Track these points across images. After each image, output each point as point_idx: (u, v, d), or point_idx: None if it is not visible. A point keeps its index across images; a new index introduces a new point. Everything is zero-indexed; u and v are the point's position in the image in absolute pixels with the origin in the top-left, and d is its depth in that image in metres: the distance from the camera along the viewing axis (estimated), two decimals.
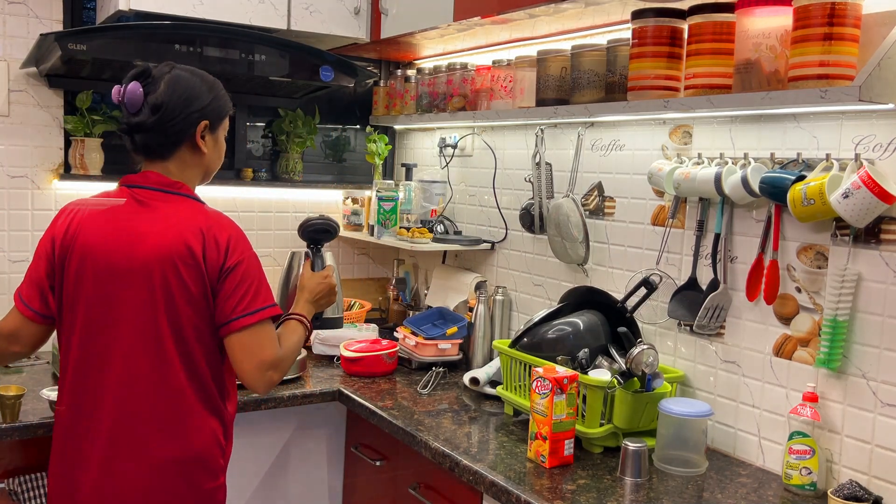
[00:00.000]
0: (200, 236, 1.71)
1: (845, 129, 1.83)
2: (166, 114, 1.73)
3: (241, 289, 1.73)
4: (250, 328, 1.73)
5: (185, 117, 1.75)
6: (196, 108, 1.77)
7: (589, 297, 2.34)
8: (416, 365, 2.77)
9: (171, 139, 1.76)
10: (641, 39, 2.04)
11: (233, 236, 1.75)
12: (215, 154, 1.87)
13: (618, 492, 1.81)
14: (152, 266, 1.69)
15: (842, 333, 1.81)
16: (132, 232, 1.71)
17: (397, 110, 3.22)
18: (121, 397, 1.71)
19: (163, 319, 1.70)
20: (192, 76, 1.80)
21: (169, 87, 1.74)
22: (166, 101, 1.73)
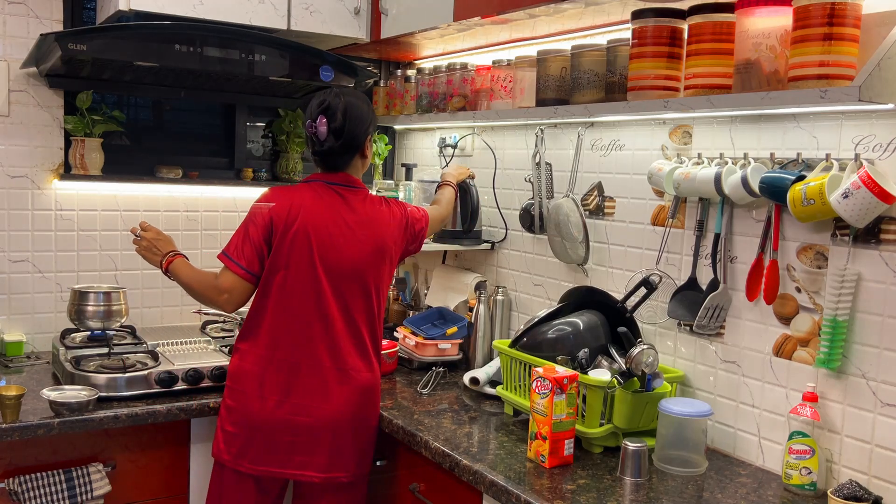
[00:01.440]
0: (401, 216, 2.34)
1: (845, 129, 1.83)
2: (347, 137, 2.17)
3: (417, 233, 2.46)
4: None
5: (360, 135, 2.21)
6: (365, 128, 2.22)
7: (589, 297, 2.34)
8: (416, 365, 2.77)
9: (350, 155, 2.22)
10: (641, 39, 2.04)
11: (411, 213, 2.42)
12: (368, 159, 2.30)
13: (618, 492, 1.81)
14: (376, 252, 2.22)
15: (842, 333, 1.82)
16: (353, 223, 2.20)
17: (397, 110, 3.22)
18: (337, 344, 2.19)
19: (373, 292, 2.24)
20: (358, 100, 2.21)
21: (346, 116, 2.16)
22: (345, 128, 2.16)
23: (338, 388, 2.17)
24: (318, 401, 2.16)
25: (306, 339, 2.16)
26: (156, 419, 2.24)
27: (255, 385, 2.16)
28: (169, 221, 2.99)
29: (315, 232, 2.15)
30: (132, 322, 2.83)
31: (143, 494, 2.29)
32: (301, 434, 2.15)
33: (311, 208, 2.17)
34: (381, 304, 2.27)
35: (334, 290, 2.17)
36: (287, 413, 2.15)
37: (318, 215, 2.17)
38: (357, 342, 2.20)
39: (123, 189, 2.89)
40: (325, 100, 2.17)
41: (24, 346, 2.70)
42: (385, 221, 2.27)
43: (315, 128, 2.17)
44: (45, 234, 2.79)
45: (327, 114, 2.16)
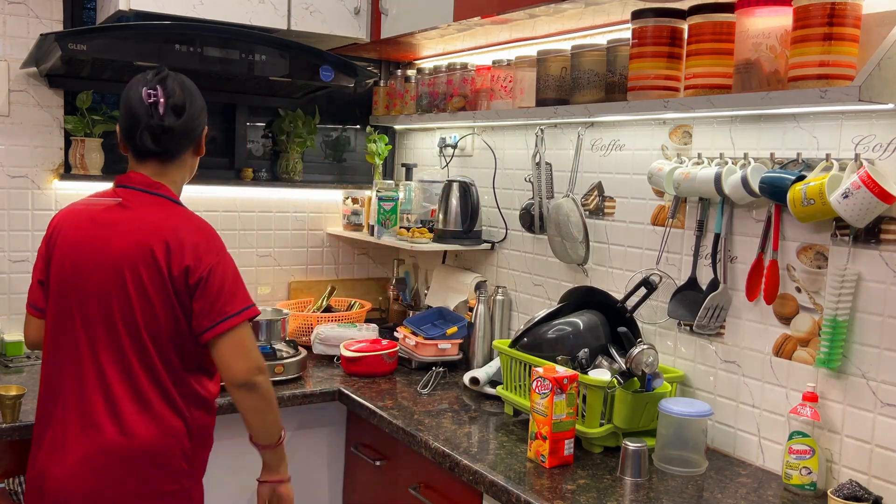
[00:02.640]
0: (165, 243, 1.73)
1: (845, 129, 1.83)
2: (188, 116, 1.80)
3: (215, 293, 1.74)
4: (232, 331, 1.76)
5: (200, 122, 1.86)
6: (204, 114, 1.87)
7: (589, 297, 2.34)
8: (416, 365, 2.77)
9: (186, 141, 1.84)
10: (641, 39, 2.04)
11: (201, 243, 1.76)
12: (199, 155, 1.94)
13: (618, 492, 1.81)
14: (117, 265, 1.74)
15: (842, 333, 1.81)
16: (105, 232, 1.77)
17: (397, 110, 3.22)
18: (75, 390, 1.76)
19: (117, 317, 1.74)
20: (192, 84, 1.85)
21: (184, 91, 1.80)
22: (185, 104, 1.79)
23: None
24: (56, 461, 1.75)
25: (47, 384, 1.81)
26: None
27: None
28: None
29: (63, 254, 1.79)
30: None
31: None
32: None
33: (68, 221, 1.82)
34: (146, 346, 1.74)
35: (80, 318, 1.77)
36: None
37: (72, 228, 1.80)
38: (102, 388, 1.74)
39: None
40: (160, 71, 1.79)
41: (23, 346, 2.70)
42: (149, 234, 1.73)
43: (155, 97, 1.74)
44: None
45: (164, 85, 1.77)
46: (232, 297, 1.76)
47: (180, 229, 1.75)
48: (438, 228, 2.94)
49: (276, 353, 2.59)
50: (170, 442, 1.77)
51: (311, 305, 3.16)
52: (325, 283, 3.26)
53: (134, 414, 1.74)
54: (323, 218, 3.31)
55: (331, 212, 3.32)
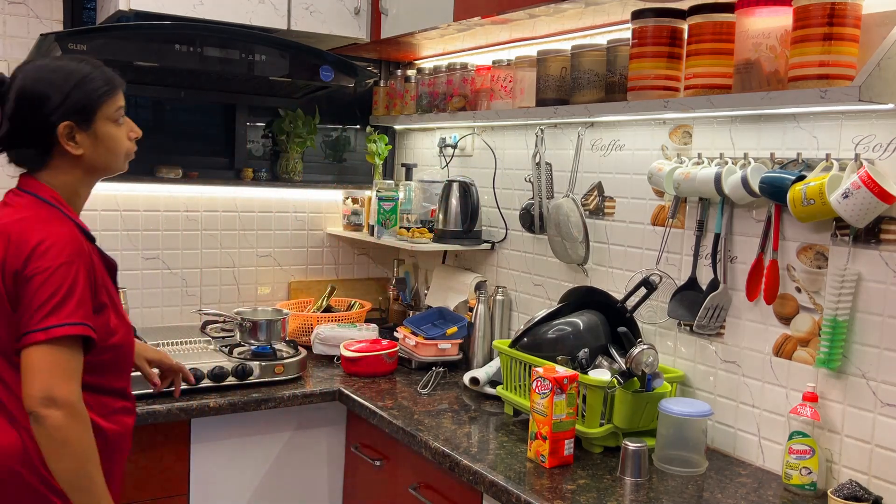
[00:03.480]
0: (6, 237, 1.56)
1: (845, 129, 1.83)
2: (17, 125, 1.61)
3: (38, 301, 1.51)
4: (33, 348, 1.50)
5: (39, 126, 1.61)
6: (47, 113, 1.60)
7: (589, 297, 2.34)
8: (416, 365, 2.77)
9: (35, 150, 1.64)
10: (641, 39, 2.04)
11: (44, 242, 1.54)
12: (100, 149, 1.67)
13: (618, 492, 1.81)
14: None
15: (842, 333, 1.81)
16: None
17: (397, 110, 3.22)
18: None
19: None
20: (42, 74, 1.62)
21: (17, 98, 1.61)
22: (15, 113, 1.61)
23: None
24: None
25: None
26: (156, 419, 2.23)
27: None
28: (169, 221, 2.99)
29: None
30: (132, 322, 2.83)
31: (143, 494, 2.29)
32: None
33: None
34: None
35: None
36: None
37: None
38: None
39: (123, 189, 2.89)
40: (4, 77, 1.65)
41: None
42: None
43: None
44: None
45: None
46: (51, 310, 1.51)
47: (29, 229, 1.56)
48: (438, 228, 2.94)
49: (276, 353, 2.60)
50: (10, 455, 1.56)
51: (311, 305, 3.16)
52: (325, 283, 3.26)
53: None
54: (323, 218, 3.31)
55: (331, 212, 3.32)
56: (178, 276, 3.01)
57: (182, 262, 3.01)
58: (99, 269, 1.65)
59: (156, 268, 2.98)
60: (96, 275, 1.63)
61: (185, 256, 3.02)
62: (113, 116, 1.69)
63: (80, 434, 1.51)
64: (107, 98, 1.68)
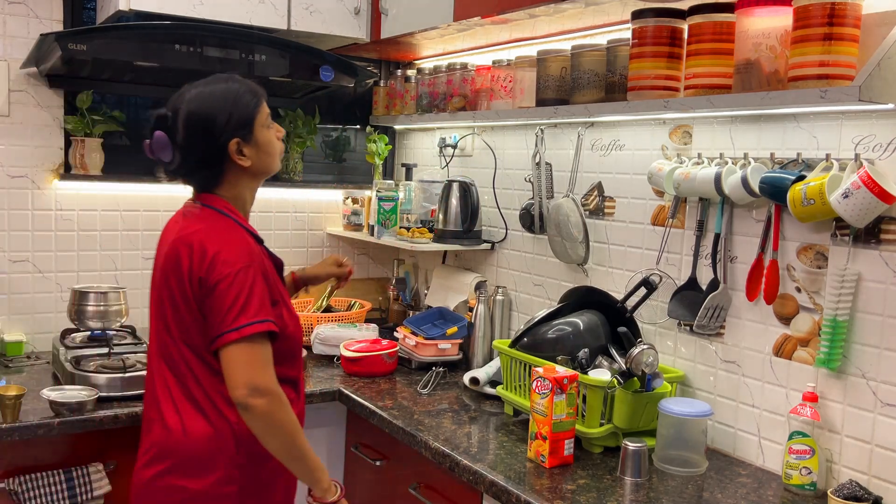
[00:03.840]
0: (189, 250, 1.73)
1: (845, 129, 1.83)
2: (192, 154, 1.77)
3: (219, 305, 1.68)
4: (231, 346, 1.67)
5: (211, 147, 1.77)
6: (216, 136, 1.75)
7: (589, 297, 2.34)
8: (416, 365, 2.77)
9: (211, 173, 1.81)
10: (641, 39, 2.04)
11: (222, 251, 1.71)
12: (263, 156, 1.83)
13: (618, 492, 1.81)
14: (162, 271, 1.80)
15: (842, 333, 1.81)
16: (163, 241, 1.86)
17: (397, 110, 3.22)
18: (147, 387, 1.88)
19: (162, 320, 1.81)
20: (204, 99, 1.77)
21: (185, 126, 1.75)
22: (187, 143, 1.76)
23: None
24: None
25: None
26: None
27: None
28: None
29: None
30: (132, 322, 2.83)
31: None
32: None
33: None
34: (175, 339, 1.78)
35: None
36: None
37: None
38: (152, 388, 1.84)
39: (123, 189, 2.89)
40: (165, 112, 1.79)
41: (24, 346, 2.70)
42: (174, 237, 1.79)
43: (152, 149, 1.80)
44: (45, 234, 2.79)
45: (165, 125, 1.78)
46: (239, 311, 1.67)
47: (208, 239, 1.72)
48: (438, 228, 2.94)
49: None
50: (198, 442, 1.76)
51: (311, 305, 3.16)
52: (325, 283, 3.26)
53: (167, 414, 1.78)
54: (323, 218, 3.31)
55: (331, 212, 3.32)
56: None
57: None
58: (269, 269, 1.81)
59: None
60: (268, 274, 1.78)
61: None
62: (265, 123, 1.83)
63: (284, 414, 1.70)
64: (258, 108, 1.81)
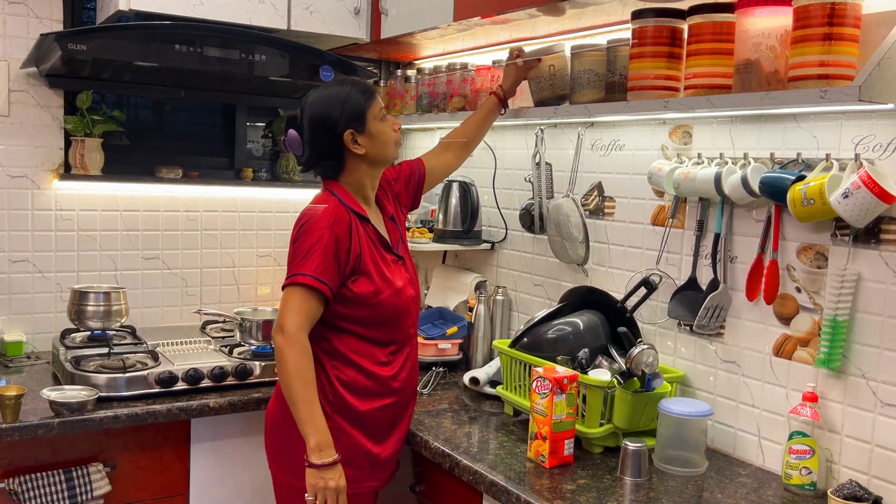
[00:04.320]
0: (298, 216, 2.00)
1: (845, 129, 1.83)
2: (316, 147, 2.01)
3: (292, 256, 1.95)
4: (286, 289, 1.92)
5: (330, 139, 1.98)
6: (333, 129, 1.97)
7: (589, 297, 2.34)
8: None
9: (334, 162, 2.02)
10: (641, 39, 2.04)
11: (306, 217, 1.96)
12: (377, 145, 2.03)
13: (618, 492, 1.81)
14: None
15: (842, 333, 1.81)
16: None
17: (397, 110, 3.21)
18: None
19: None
20: (321, 100, 1.99)
21: (310, 124, 2.00)
22: (312, 138, 2.00)
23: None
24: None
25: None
26: (156, 419, 2.23)
27: None
28: (169, 221, 2.99)
29: None
30: (132, 322, 2.83)
31: (143, 494, 2.29)
32: None
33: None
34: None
35: None
36: None
37: None
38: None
39: (123, 189, 2.89)
40: (296, 113, 2.07)
41: (24, 346, 2.70)
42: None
43: (287, 143, 2.08)
44: (45, 234, 2.79)
45: (297, 124, 2.06)
46: (292, 265, 1.93)
47: (304, 212, 1.99)
48: (438, 228, 2.94)
49: None
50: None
51: None
52: None
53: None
54: None
55: None
56: (178, 276, 3.02)
57: (182, 262, 3.01)
58: (364, 241, 1.99)
59: (156, 268, 2.98)
60: (361, 245, 1.97)
61: (185, 256, 3.02)
62: (378, 115, 2.02)
63: (294, 357, 1.85)
64: (370, 103, 2.01)
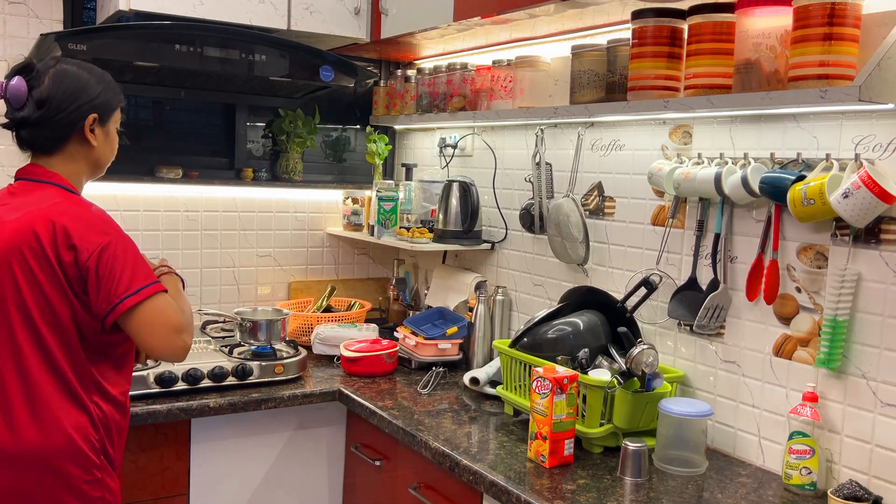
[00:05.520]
0: (50, 225, 1.67)
1: (845, 129, 1.83)
2: (52, 108, 1.73)
3: (115, 274, 1.67)
4: (140, 305, 1.68)
5: (73, 111, 1.75)
6: (84, 101, 1.76)
7: (589, 297, 2.34)
8: (416, 365, 2.77)
9: (58, 133, 1.76)
10: (641, 39, 2.04)
11: (87, 225, 1.69)
12: (106, 147, 1.85)
13: (618, 492, 1.81)
14: (4, 256, 1.67)
15: (842, 333, 1.82)
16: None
17: (397, 110, 3.22)
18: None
19: (12, 308, 1.68)
20: (79, 69, 1.79)
21: (54, 82, 1.74)
22: (52, 96, 1.73)
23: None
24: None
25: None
26: (156, 419, 2.23)
27: None
28: (169, 221, 2.99)
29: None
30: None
31: (143, 494, 2.29)
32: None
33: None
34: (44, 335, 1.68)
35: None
36: None
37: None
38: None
39: (123, 189, 2.89)
40: (33, 62, 1.77)
41: None
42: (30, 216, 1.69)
43: (6, 89, 1.73)
44: None
45: (29, 74, 1.74)
46: (130, 275, 1.69)
47: (66, 214, 1.69)
48: (438, 228, 2.94)
49: (276, 353, 2.60)
50: (75, 437, 1.70)
51: (311, 305, 3.16)
52: (325, 283, 3.26)
53: (32, 416, 1.67)
54: (323, 218, 3.31)
55: (331, 212, 3.32)
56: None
57: (182, 262, 3.01)
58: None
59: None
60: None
61: (185, 256, 3.02)
62: (117, 122, 1.87)
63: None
64: (120, 104, 1.87)
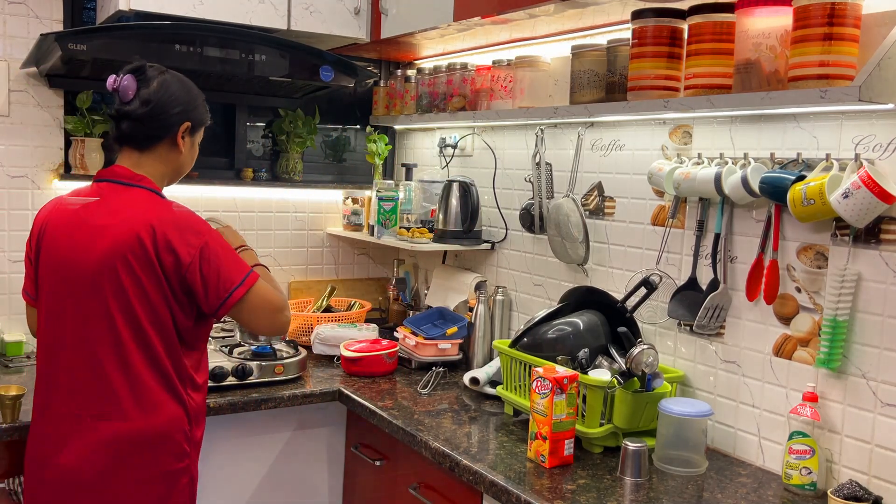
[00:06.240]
0: (151, 231, 1.80)
1: (845, 129, 1.83)
2: (155, 108, 1.87)
3: (218, 271, 1.83)
4: (246, 296, 1.86)
5: (172, 115, 1.90)
6: (182, 110, 1.91)
7: (589, 297, 2.34)
8: (416, 365, 2.77)
9: (154, 132, 1.90)
10: (641, 39, 2.04)
11: (184, 228, 1.83)
12: (189, 156, 2.00)
13: (618, 492, 1.81)
14: (109, 259, 1.79)
15: (842, 333, 1.81)
16: (90, 226, 1.83)
17: (397, 110, 3.22)
18: (69, 382, 1.83)
19: (115, 309, 1.80)
20: (182, 83, 1.95)
21: (161, 86, 1.89)
22: (157, 98, 1.88)
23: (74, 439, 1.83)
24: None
25: (43, 378, 1.88)
26: None
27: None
28: None
29: (52, 252, 1.86)
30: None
31: None
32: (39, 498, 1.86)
33: (56, 216, 1.88)
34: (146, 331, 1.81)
35: (72, 313, 1.83)
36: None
37: (60, 224, 1.86)
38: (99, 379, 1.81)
39: None
40: (145, 65, 1.90)
41: (24, 346, 2.70)
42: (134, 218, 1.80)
43: (120, 83, 1.86)
44: None
45: (140, 75, 1.88)
46: (229, 268, 1.85)
47: (164, 219, 1.82)
48: (438, 228, 2.94)
49: (276, 353, 2.59)
50: (172, 426, 1.86)
51: (311, 305, 3.16)
52: (325, 283, 3.26)
53: (135, 406, 1.82)
54: (323, 218, 3.31)
55: (331, 212, 3.32)
56: None
57: None
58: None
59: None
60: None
61: None
62: (201, 137, 2.03)
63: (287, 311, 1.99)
64: (208, 122, 2.04)
